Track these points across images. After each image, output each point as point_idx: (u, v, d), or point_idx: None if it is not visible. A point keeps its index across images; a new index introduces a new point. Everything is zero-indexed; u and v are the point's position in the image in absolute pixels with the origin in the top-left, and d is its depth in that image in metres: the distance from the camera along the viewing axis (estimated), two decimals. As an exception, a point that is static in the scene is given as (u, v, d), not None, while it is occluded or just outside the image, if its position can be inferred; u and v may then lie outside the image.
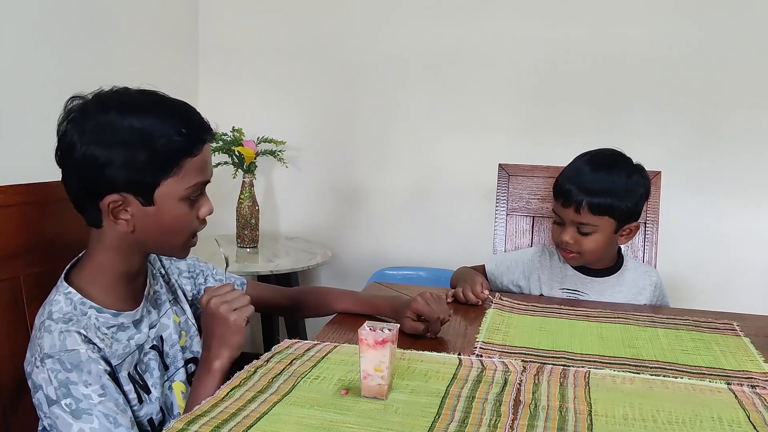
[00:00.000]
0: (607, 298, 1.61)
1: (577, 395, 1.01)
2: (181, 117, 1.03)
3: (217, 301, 1.08)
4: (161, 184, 1.01)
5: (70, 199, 1.05)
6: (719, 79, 2.40)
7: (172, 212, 1.04)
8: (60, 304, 1.02)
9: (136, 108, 1.01)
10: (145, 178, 1.00)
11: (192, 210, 1.06)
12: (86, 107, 1.01)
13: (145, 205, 1.02)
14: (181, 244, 1.09)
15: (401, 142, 2.70)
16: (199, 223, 1.09)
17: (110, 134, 0.98)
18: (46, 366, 0.96)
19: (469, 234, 2.58)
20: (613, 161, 1.56)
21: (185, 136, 1.01)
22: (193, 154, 1.03)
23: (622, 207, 1.51)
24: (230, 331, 1.07)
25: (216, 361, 1.07)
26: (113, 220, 1.02)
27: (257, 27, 2.75)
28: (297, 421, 0.89)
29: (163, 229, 1.05)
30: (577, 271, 1.64)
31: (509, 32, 2.54)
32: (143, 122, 0.99)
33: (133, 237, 1.04)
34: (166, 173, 1.01)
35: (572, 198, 1.51)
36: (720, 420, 0.95)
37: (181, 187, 1.03)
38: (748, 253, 2.45)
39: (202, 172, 1.05)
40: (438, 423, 0.90)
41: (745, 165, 2.42)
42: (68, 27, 2.08)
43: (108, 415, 0.96)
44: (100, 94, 1.03)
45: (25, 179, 1.16)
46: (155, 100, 1.04)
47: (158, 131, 0.99)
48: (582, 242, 1.54)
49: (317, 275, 2.84)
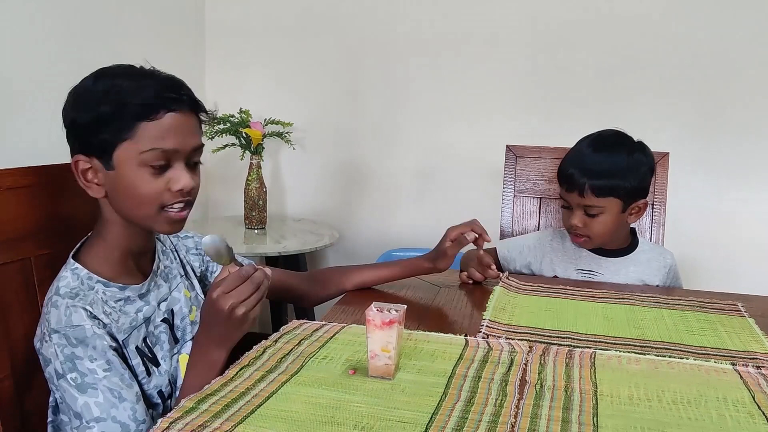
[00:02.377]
0: (621, 277, 1.61)
1: (582, 375, 1.02)
2: (148, 82, 1.02)
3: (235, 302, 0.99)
4: (117, 146, 1.00)
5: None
6: (728, 60, 2.39)
7: (130, 178, 1.01)
8: (67, 280, 1.03)
9: (110, 74, 1.03)
10: (102, 138, 1.00)
11: (157, 180, 1.02)
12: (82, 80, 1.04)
13: (108, 170, 1.02)
14: (151, 215, 1.04)
15: (408, 123, 2.69)
16: (171, 196, 1.03)
17: (79, 97, 1.02)
18: (53, 341, 0.98)
19: (476, 215, 2.53)
20: (613, 141, 1.56)
21: (143, 99, 1.00)
22: (149, 118, 1.00)
23: (626, 186, 1.51)
24: (233, 328, 1.02)
25: (214, 352, 1.03)
26: (84, 183, 1.04)
27: (264, 8, 2.74)
28: (305, 401, 0.91)
29: (128, 196, 1.03)
30: (591, 252, 1.65)
31: (517, 12, 2.52)
32: (108, 85, 1.01)
33: (112, 206, 1.05)
34: (121, 135, 1.00)
35: (575, 182, 1.51)
36: (725, 400, 0.96)
37: (136, 152, 1.00)
38: (754, 234, 2.45)
39: (162, 139, 1.00)
40: (444, 402, 0.91)
41: (753, 147, 2.41)
42: (74, 10, 2.08)
43: (113, 389, 0.97)
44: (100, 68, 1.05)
45: (34, 162, 1.17)
46: (133, 69, 1.05)
47: (118, 93, 1.00)
48: (591, 225, 1.54)
49: (325, 257, 2.85)
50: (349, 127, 2.76)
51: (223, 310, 0.99)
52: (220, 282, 1.00)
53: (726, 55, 2.38)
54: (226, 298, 0.99)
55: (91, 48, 2.12)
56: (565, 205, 1.59)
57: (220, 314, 1.00)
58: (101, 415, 0.96)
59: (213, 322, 1.02)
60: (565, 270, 1.66)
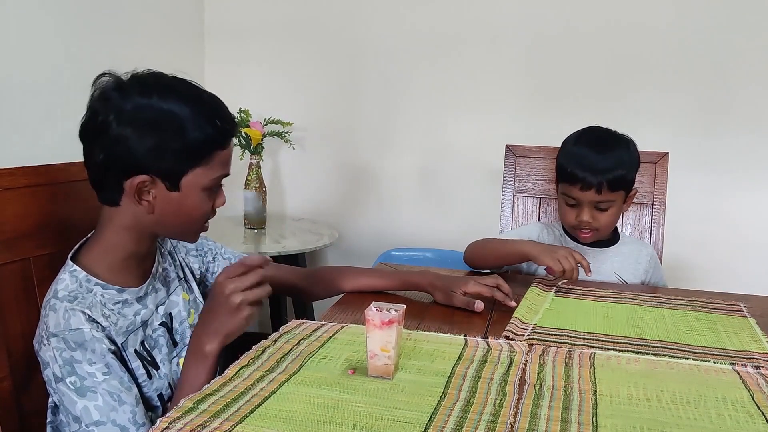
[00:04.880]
0: (608, 267, 1.68)
1: (582, 375, 1.02)
2: (216, 109, 1.05)
3: (235, 288, 1.01)
4: (189, 172, 1.03)
5: (90, 175, 1.05)
6: (726, 59, 2.39)
7: (193, 200, 1.06)
8: (65, 282, 1.03)
9: (176, 94, 1.02)
10: (177, 164, 1.02)
11: (210, 200, 1.09)
12: (124, 87, 1.01)
13: (170, 190, 1.03)
14: (195, 230, 1.13)
15: (408, 122, 2.69)
16: (212, 213, 1.12)
17: (149, 117, 1.00)
18: (51, 344, 0.98)
19: (475, 215, 2.59)
20: (612, 139, 1.64)
21: (219, 129, 1.04)
22: (223, 146, 1.06)
23: (630, 177, 1.60)
24: (235, 323, 1.03)
25: (207, 345, 1.04)
26: (136, 200, 1.03)
27: (263, 8, 2.74)
28: (305, 400, 0.90)
29: (182, 215, 1.07)
30: (578, 244, 1.69)
31: (515, 11, 2.52)
32: (182, 109, 1.01)
33: (150, 219, 1.05)
34: (197, 162, 1.03)
35: (591, 180, 1.56)
36: (724, 400, 0.96)
37: (207, 178, 1.05)
38: (754, 233, 2.45)
39: (226, 165, 1.08)
40: (444, 402, 0.91)
41: (752, 145, 2.41)
42: (73, 10, 2.08)
43: (112, 393, 0.97)
44: (139, 76, 1.03)
45: (33, 162, 1.17)
46: (193, 89, 1.05)
47: (196, 120, 1.01)
48: (600, 218, 1.61)
49: (324, 256, 2.85)
50: (349, 127, 2.76)
51: (222, 293, 1.02)
52: (227, 267, 1.05)
53: (725, 55, 2.38)
54: (227, 283, 1.02)
55: (89, 49, 2.11)
56: (571, 203, 1.62)
57: (218, 297, 1.02)
58: (101, 419, 0.96)
59: (211, 308, 1.05)
60: None
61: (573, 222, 1.63)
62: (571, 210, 1.63)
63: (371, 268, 1.51)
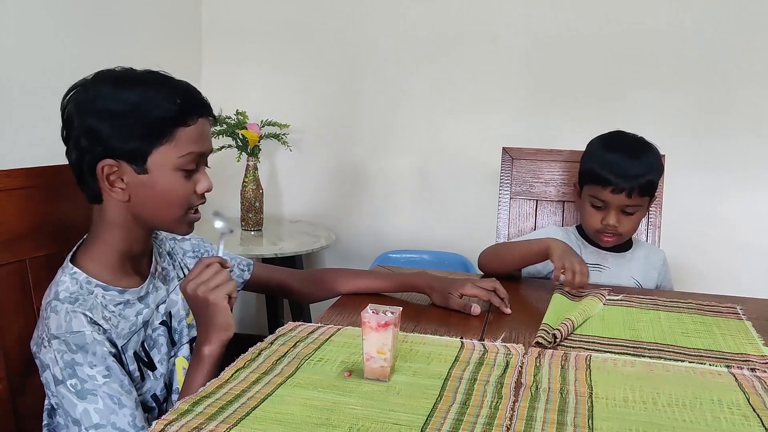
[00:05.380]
0: (626, 271, 1.69)
1: (578, 378, 1.02)
2: (176, 89, 1.05)
3: (194, 284, 1.05)
4: (153, 151, 1.03)
5: (74, 175, 1.06)
6: (724, 61, 2.39)
7: (165, 181, 1.04)
8: (66, 284, 1.03)
9: (133, 80, 1.04)
10: (137, 144, 1.02)
11: (188, 182, 1.07)
12: (86, 83, 1.04)
13: (139, 173, 1.03)
14: (178, 217, 1.09)
15: (405, 124, 2.69)
16: (197, 198, 1.09)
17: (104, 103, 1.01)
18: (52, 346, 0.97)
19: (472, 217, 2.59)
20: (642, 145, 1.65)
21: (179, 105, 1.03)
22: (186, 123, 1.04)
23: (656, 184, 1.63)
24: (212, 313, 1.05)
25: (205, 347, 1.05)
26: (109, 187, 1.03)
27: (260, 10, 2.74)
28: (301, 403, 0.90)
29: (158, 199, 1.06)
30: (595, 247, 1.70)
31: (512, 13, 2.52)
32: (138, 92, 1.02)
33: (132, 209, 1.06)
34: (159, 140, 1.02)
35: (624, 184, 1.56)
36: (720, 403, 0.96)
37: (174, 156, 1.04)
38: (751, 235, 2.46)
39: (196, 142, 1.06)
40: (440, 405, 0.91)
41: (750, 147, 2.42)
42: (71, 10, 2.08)
43: (112, 396, 0.97)
44: (102, 71, 1.05)
45: (30, 164, 1.17)
46: (153, 75, 1.06)
47: (152, 100, 1.02)
48: (624, 222, 1.62)
49: (321, 258, 2.85)
50: (346, 129, 2.76)
51: (189, 295, 1.06)
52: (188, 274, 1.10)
53: (724, 56, 2.39)
54: (186, 284, 1.06)
55: (88, 49, 2.11)
56: (598, 205, 1.62)
57: (190, 301, 1.07)
58: (101, 422, 0.96)
59: (194, 313, 1.09)
60: None
61: (598, 225, 1.63)
62: (597, 213, 1.63)
63: (368, 270, 1.50)
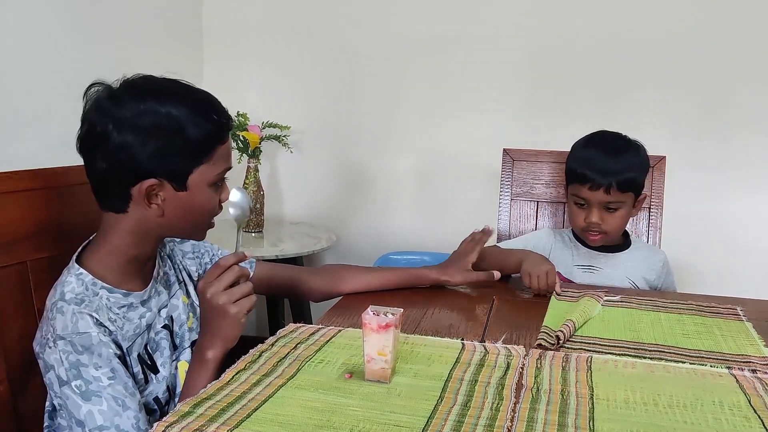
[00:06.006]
0: (620, 272, 1.68)
1: (579, 379, 1.02)
2: (210, 105, 1.07)
3: (214, 290, 1.05)
4: (195, 170, 1.05)
5: (93, 185, 1.05)
6: (723, 62, 2.39)
7: (201, 197, 1.07)
8: (72, 285, 1.03)
9: (170, 95, 1.03)
10: (182, 164, 1.03)
11: (216, 195, 1.10)
12: (117, 95, 1.02)
13: (178, 191, 1.04)
14: (204, 227, 1.14)
15: (405, 125, 2.69)
16: (220, 208, 1.13)
17: (148, 121, 1.00)
18: (58, 347, 0.97)
19: (473, 218, 2.56)
20: (623, 143, 1.66)
21: (216, 123, 1.05)
22: (223, 140, 1.07)
23: (640, 180, 1.62)
24: (228, 324, 1.05)
25: (208, 351, 1.06)
26: (146, 204, 1.03)
27: (261, 11, 2.74)
28: (301, 404, 0.91)
29: (191, 213, 1.08)
30: (589, 248, 1.70)
31: (513, 14, 2.52)
32: (179, 109, 1.02)
33: (158, 221, 1.06)
34: (201, 159, 1.05)
35: (601, 180, 1.58)
36: (721, 404, 0.96)
37: (212, 173, 1.07)
38: (751, 235, 2.45)
39: (228, 158, 1.10)
40: (441, 406, 0.91)
41: (750, 148, 2.41)
42: (72, 11, 2.08)
43: (117, 398, 0.97)
44: (130, 82, 1.04)
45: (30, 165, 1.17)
46: (186, 88, 1.07)
47: (194, 118, 1.02)
48: (609, 220, 1.62)
49: (322, 260, 2.85)
50: (347, 130, 2.76)
51: (206, 299, 1.05)
52: (204, 274, 1.09)
53: (723, 57, 2.39)
54: (206, 287, 1.06)
55: (88, 50, 2.11)
56: (580, 203, 1.63)
57: (205, 304, 1.06)
58: (105, 423, 0.96)
59: (204, 316, 1.08)
60: (566, 266, 1.70)
61: (582, 224, 1.64)
62: (580, 211, 1.64)
63: (378, 266, 1.52)
